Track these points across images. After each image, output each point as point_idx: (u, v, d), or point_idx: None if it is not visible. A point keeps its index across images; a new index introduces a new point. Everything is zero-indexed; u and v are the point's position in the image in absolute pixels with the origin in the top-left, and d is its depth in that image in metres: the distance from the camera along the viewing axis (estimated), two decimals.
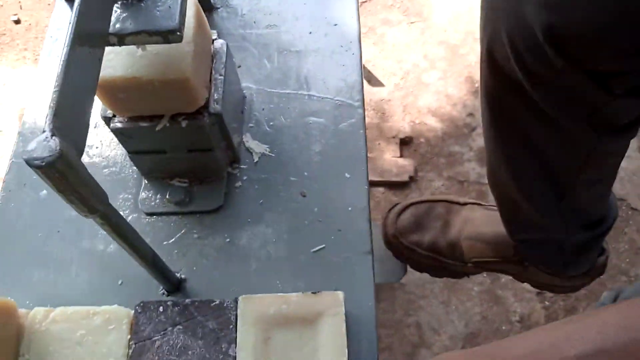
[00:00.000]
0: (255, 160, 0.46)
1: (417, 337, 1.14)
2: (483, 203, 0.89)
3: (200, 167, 0.44)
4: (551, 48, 0.48)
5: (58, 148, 0.24)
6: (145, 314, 0.36)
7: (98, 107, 0.39)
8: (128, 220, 0.35)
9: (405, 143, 1.16)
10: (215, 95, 0.40)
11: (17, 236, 0.44)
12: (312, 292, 0.36)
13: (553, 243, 0.76)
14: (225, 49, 0.42)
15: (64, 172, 0.25)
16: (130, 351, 0.35)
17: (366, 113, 0.54)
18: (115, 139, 0.42)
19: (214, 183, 0.45)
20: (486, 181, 0.81)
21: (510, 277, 0.90)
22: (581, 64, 0.49)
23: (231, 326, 0.35)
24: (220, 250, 0.42)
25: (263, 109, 0.49)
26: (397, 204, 0.92)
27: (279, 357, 0.34)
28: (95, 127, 0.48)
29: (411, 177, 1.16)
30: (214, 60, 0.42)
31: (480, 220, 0.81)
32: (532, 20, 0.49)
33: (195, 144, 0.41)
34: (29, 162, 0.24)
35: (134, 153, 0.42)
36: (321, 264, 0.41)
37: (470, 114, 1.19)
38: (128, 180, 0.46)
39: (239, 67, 0.51)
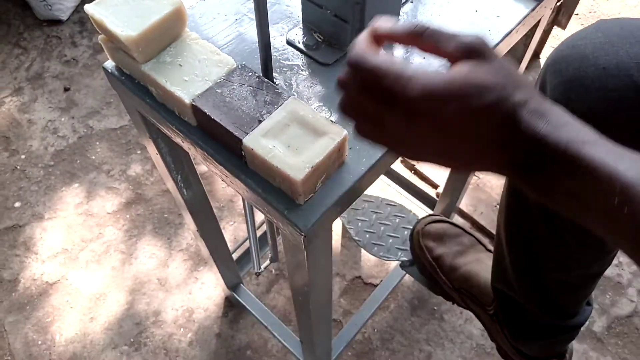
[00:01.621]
0: None
1: None
2: None
3: (335, 34, 0.61)
4: None
5: None
6: (241, 70, 0.54)
7: None
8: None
9: None
10: None
11: None
12: (331, 120, 0.50)
13: (519, 308, 0.79)
14: None
15: None
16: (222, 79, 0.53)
17: None
18: None
19: (335, 50, 0.61)
20: None
21: None
22: None
23: (276, 105, 0.51)
24: (315, 81, 0.59)
25: None
26: (439, 215, 1.01)
27: (286, 137, 0.49)
28: None
29: None
30: None
31: (487, 266, 0.86)
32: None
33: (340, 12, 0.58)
34: None
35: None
36: None
37: None
38: (292, 19, 0.65)
39: None
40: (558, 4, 1.44)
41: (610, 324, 1.27)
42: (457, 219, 1.42)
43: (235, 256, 1.25)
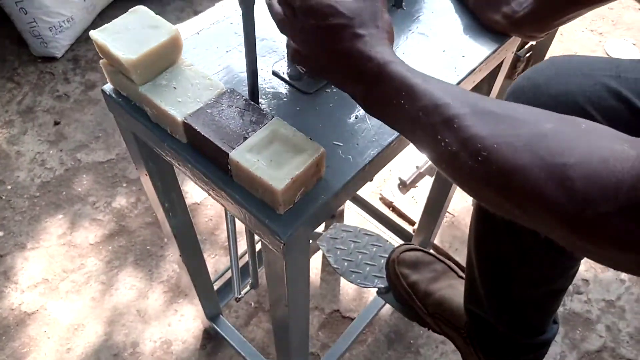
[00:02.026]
0: None
1: None
2: None
3: None
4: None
5: None
6: (230, 94, 0.59)
7: None
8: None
9: None
10: None
11: None
12: (310, 139, 0.55)
13: (490, 328, 0.84)
14: None
15: None
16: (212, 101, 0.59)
17: None
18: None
19: (316, 81, 0.67)
20: None
21: None
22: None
23: (260, 125, 0.57)
24: (298, 107, 0.64)
25: None
26: (412, 244, 1.08)
27: (269, 152, 0.54)
28: None
29: None
30: None
31: (460, 292, 0.92)
32: None
33: None
34: None
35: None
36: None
37: None
38: (277, 53, 0.71)
39: None
40: (527, 55, 1.55)
41: (580, 358, 1.30)
42: None
43: (216, 287, 1.27)
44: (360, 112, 0.65)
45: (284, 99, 0.66)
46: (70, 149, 1.70)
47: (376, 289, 1.14)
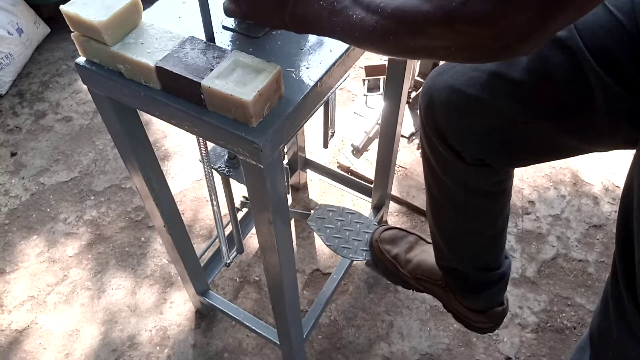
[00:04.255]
0: None
1: (385, 332, 1.32)
2: None
3: None
4: (428, 125, 0.82)
5: None
6: (191, 40, 0.69)
7: None
8: None
9: None
10: None
11: None
12: (268, 61, 0.66)
13: (459, 273, 1.02)
14: None
15: None
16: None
17: None
18: None
19: (262, 28, 0.78)
20: None
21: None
22: (444, 140, 0.80)
23: (223, 58, 0.67)
24: (250, 46, 0.75)
25: None
26: (387, 225, 1.27)
27: (234, 77, 0.65)
28: None
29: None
30: None
31: (431, 254, 1.10)
32: (421, 106, 0.83)
33: None
34: None
35: None
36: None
37: None
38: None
39: None
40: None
41: (540, 267, 1.45)
42: (392, 205, 1.59)
43: (202, 264, 1.34)
44: (306, 44, 0.76)
45: (237, 44, 0.76)
46: (32, 175, 1.74)
47: (365, 261, 1.27)
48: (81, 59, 0.75)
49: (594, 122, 0.65)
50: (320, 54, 0.75)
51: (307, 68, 0.73)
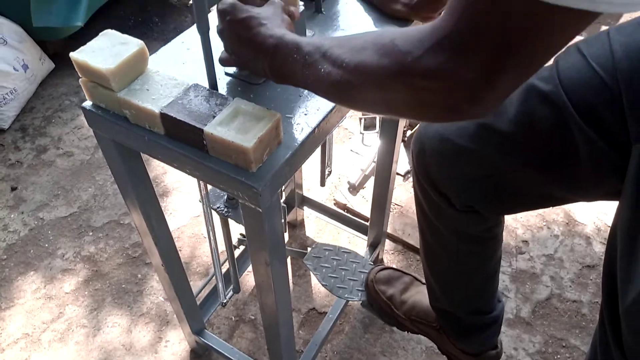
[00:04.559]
0: None
1: None
2: None
3: None
4: (419, 172, 0.86)
5: None
6: (194, 87, 0.72)
7: None
8: None
9: None
10: None
11: None
12: (268, 109, 0.69)
13: (452, 316, 1.04)
14: None
15: None
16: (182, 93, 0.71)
17: None
18: None
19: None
20: None
21: None
22: (435, 186, 0.84)
23: (225, 105, 0.70)
24: (250, 93, 0.78)
25: None
26: (383, 265, 1.29)
27: (236, 124, 0.67)
28: None
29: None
30: None
31: (426, 295, 1.13)
32: (413, 153, 0.86)
33: None
34: None
35: None
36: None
37: None
38: None
39: None
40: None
41: (534, 308, 1.45)
42: (388, 242, 1.61)
43: (198, 302, 1.34)
44: (304, 91, 0.79)
45: (239, 90, 0.79)
46: (31, 210, 1.75)
47: (360, 302, 1.28)
48: (88, 103, 0.78)
49: (579, 174, 0.67)
50: (318, 100, 0.78)
51: (305, 114, 0.76)
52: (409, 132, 1.82)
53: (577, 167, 0.66)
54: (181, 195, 1.79)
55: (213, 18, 0.76)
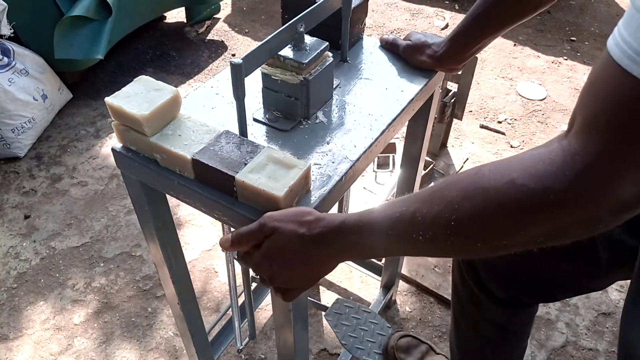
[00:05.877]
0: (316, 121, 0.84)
1: None
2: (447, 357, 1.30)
3: (288, 109, 0.83)
4: (465, 269, 0.94)
5: None
6: (226, 134, 0.74)
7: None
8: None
9: None
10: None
11: None
12: (298, 158, 0.70)
13: None
14: None
15: None
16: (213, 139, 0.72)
17: None
18: None
19: (290, 121, 0.83)
20: None
21: None
22: (479, 281, 0.91)
23: (255, 153, 0.71)
24: (279, 141, 0.79)
25: None
26: (404, 331, 1.34)
27: (266, 172, 0.68)
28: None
29: None
30: None
31: None
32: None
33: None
34: None
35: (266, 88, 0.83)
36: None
37: None
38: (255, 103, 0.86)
39: None
40: (452, 100, 1.79)
41: (549, 355, 1.43)
42: (401, 284, 1.60)
43: (209, 339, 1.33)
44: (331, 138, 0.80)
45: (268, 137, 0.81)
46: (43, 239, 1.75)
47: None
48: (118, 145, 0.79)
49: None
50: (345, 148, 0.79)
51: (333, 162, 0.77)
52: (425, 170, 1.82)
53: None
54: (194, 228, 1.79)
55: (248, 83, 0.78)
